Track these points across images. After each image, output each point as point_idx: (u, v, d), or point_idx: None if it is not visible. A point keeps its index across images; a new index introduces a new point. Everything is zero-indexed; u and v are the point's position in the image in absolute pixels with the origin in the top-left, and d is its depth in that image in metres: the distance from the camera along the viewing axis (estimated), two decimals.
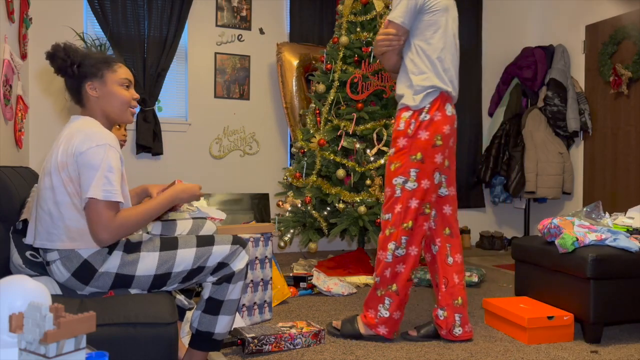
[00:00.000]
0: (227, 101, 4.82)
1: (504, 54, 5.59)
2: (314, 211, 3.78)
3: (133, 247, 1.78)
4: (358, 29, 3.94)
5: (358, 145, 3.75)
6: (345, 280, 3.58)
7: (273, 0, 4.93)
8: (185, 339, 2.19)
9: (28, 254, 1.87)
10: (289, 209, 3.92)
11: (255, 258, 2.74)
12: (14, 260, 1.86)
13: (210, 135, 4.76)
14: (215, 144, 4.78)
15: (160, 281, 1.79)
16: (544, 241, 2.79)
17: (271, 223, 3.63)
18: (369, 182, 3.68)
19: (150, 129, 4.42)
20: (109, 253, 1.74)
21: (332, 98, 3.89)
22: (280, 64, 4.67)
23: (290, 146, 4.83)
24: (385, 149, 3.69)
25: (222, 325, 1.90)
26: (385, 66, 2.58)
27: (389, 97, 3.88)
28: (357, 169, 3.70)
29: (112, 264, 1.74)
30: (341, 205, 3.68)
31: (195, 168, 4.71)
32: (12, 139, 3.37)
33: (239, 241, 1.89)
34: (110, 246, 1.75)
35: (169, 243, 1.82)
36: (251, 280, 2.71)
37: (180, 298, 2.17)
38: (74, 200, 1.70)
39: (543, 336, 2.52)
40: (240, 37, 4.83)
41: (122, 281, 1.76)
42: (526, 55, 5.29)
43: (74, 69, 1.78)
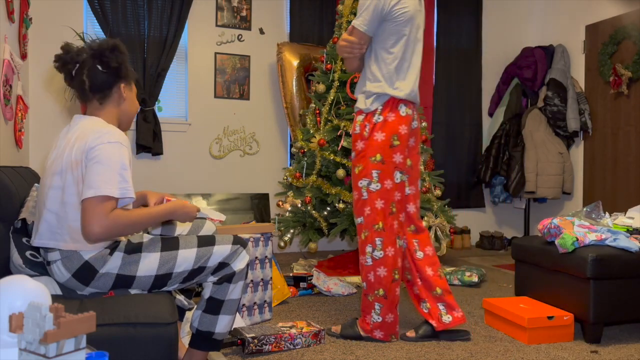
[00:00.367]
0: (227, 101, 4.82)
1: (504, 54, 5.59)
2: (314, 211, 3.78)
3: (134, 248, 1.78)
4: None
5: None
6: (345, 280, 3.57)
7: (273, 0, 4.93)
8: (185, 339, 2.19)
9: (28, 254, 1.86)
10: (289, 209, 3.92)
11: (255, 258, 2.75)
12: (14, 260, 1.86)
13: (210, 135, 4.76)
14: (215, 144, 4.78)
15: (161, 281, 1.80)
16: (544, 241, 2.79)
17: (271, 223, 3.62)
18: None
19: (150, 129, 4.42)
20: (110, 254, 1.74)
21: (332, 98, 3.89)
22: (280, 64, 4.67)
23: (290, 146, 4.82)
24: None
25: (223, 325, 1.91)
26: (348, 69, 2.62)
27: None
28: None
29: (113, 265, 1.74)
30: (341, 205, 3.68)
31: (195, 168, 4.71)
32: (12, 139, 3.37)
33: (240, 241, 1.89)
34: (112, 247, 1.75)
35: (170, 243, 1.82)
36: (251, 280, 2.71)
37: (180, 298, 2.17)
38: (80, 201, 1.69)
39: (543, 336, 2.52)
40: (240, 37, 4.83)
41: (123, 281, 1.76)
42: (526, 55, 5.29)
43: (119, 66, 1.83)
